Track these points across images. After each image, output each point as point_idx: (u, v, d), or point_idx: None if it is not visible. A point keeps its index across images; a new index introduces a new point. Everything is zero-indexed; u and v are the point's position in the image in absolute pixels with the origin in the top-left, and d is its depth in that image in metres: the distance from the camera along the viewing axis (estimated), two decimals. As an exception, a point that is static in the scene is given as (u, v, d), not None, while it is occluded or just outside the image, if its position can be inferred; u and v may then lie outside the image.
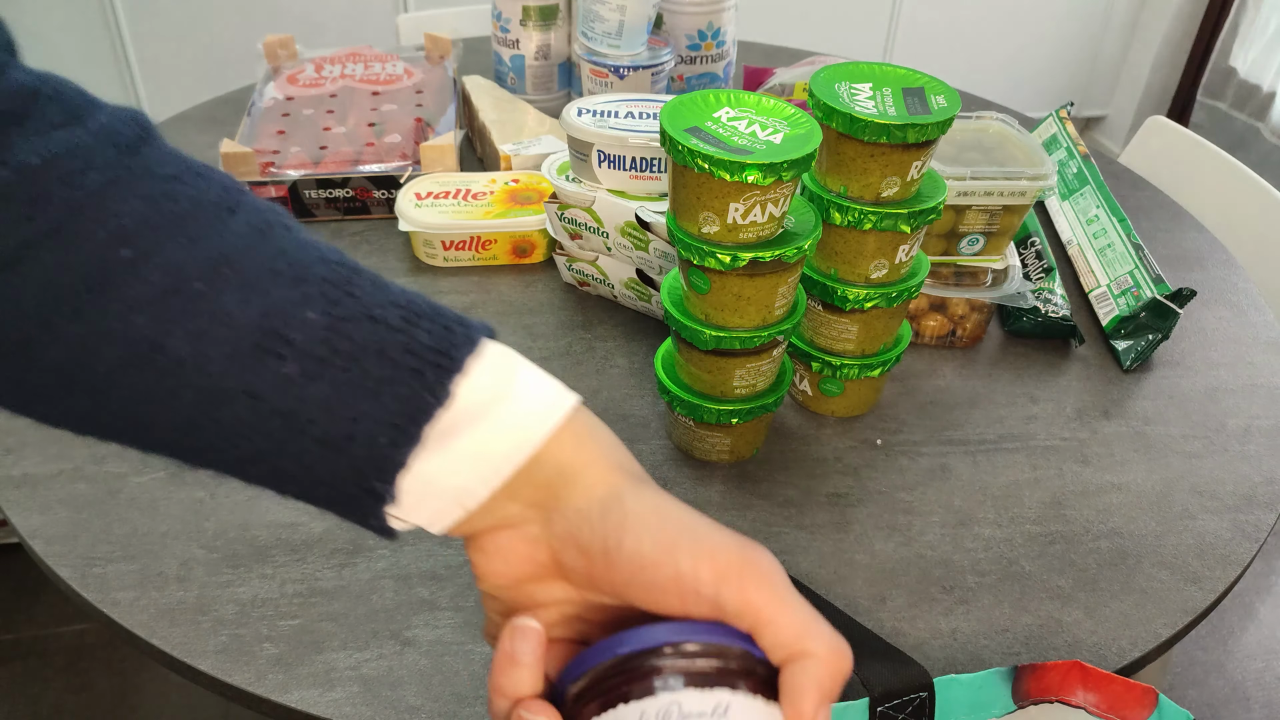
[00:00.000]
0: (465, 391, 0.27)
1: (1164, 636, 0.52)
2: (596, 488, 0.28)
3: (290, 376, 0.25)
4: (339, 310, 0.26)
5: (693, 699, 0.25)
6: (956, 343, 0.73)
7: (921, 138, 0.53)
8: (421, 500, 0.27)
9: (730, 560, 0.26)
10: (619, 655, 0.26)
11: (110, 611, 0.49)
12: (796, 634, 0.26)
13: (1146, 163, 1.08)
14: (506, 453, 0.27)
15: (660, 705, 0.25)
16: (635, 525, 0.27)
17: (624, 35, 0.89)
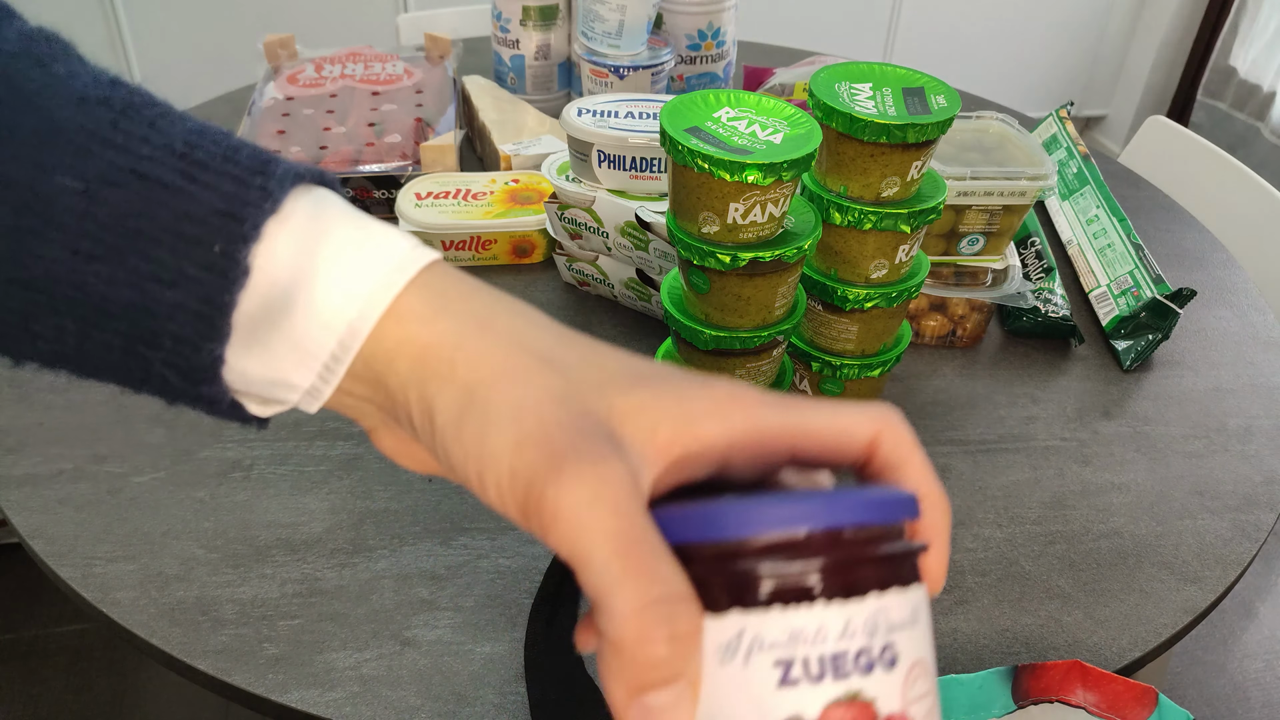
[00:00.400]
0: (265, 264, 0.22)
1: (1164, 636, 0.52)
2: (439, 393, 0.22)
3: (60, 260, 0.21)
4: (98, 169, 0.21)
5: (896, 605, 0.20)
6: (956, 343, 0.73)
7: (921, 138, 0.53)
8: (267, 393, 0.23)
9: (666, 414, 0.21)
10: (804, 531, 0.20)
11: (110, 611, 0.49)
12: (836, 430, 0.22)
13: (1146, 162, 1.08)
14: (330, 346, 0.22)
15: (869, 613, 0.20)
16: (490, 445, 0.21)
17: (624, 35, 0.89)
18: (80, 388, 0.63)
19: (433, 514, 0.56)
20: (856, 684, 0.19)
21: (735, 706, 0.19)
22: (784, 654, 0.19)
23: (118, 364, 0.23)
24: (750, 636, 0.19)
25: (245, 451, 0.59)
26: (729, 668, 0.19)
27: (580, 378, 0.22)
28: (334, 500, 0.56)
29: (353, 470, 0.58)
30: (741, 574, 0.20)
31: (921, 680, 0.20)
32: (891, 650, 0.20)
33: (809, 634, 0.19)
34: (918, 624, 0.21)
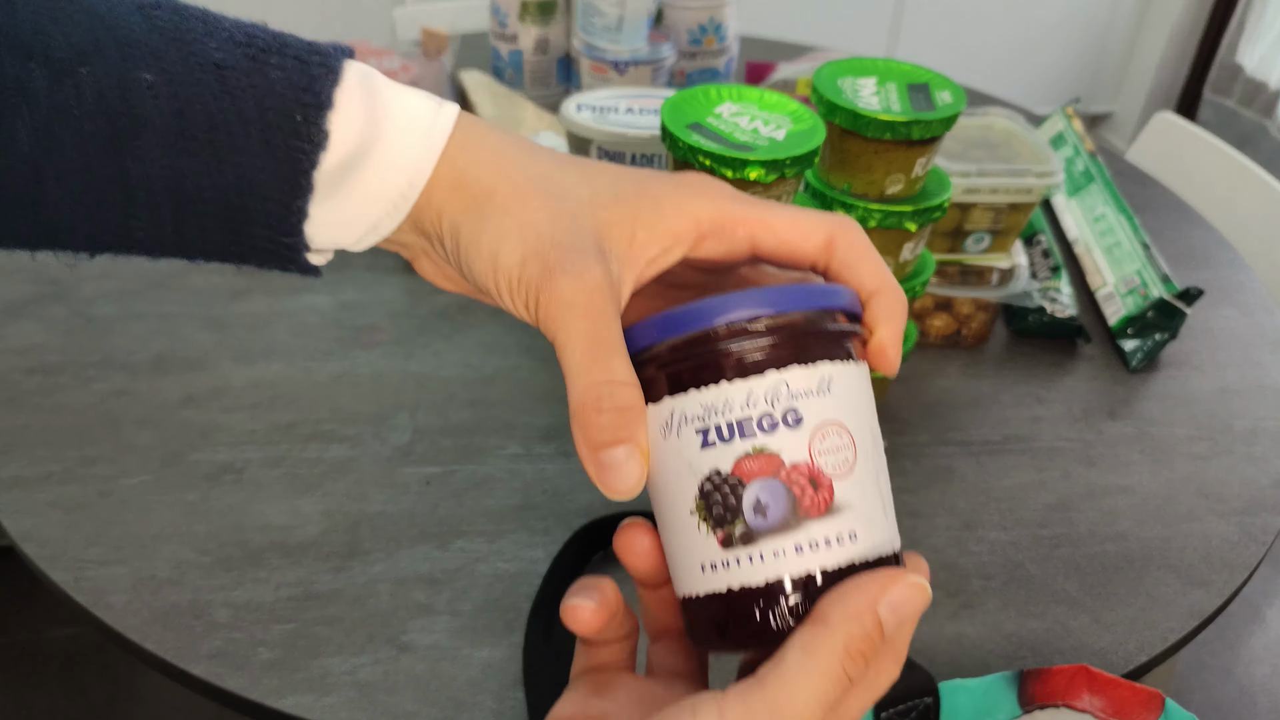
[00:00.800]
0: (340, 126, 0.26)
1: (1171, 641, 0.51)
2: (464, 217, 0.27)
3: (153, 154, 0.24)
4: (177, 68, 0.24)
5: (800, 377, 0.25)
6: (962, 342, 0.72)
7: (926, 134, 0.52)
8: (330, 239, 0.27)
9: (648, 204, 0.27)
10: (710, 326, 0.25)
11: (103, 615, 0.48)
12: (794, 228, 0.27)
13: (1153, 160, 1.07)
14: (403, 186, 0.27)
15: (769, 385, 0.25)
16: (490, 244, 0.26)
17: (624, 29, 0.88)
18: (68, 389, 0.62)
19: (429, 517, 0.55)
20: (761, 441, 0.25)
21: (676, 468, 0.25)
22: (701, 424, 0.25)
23: (210, 237, 0.26)
24: (679, 414, 0.25)
25: (237, 454, 0.58)
26: (668, 440, 0.25)
27: (575, 198, 0.27)
28: (329, 503, 0.55)
29: (347, 473, 0.57)
30: (666, 368, 0.26)
31: (834, 437, 0.25)
32: (795, 413, 0.25)
33: (718, 407, 0.25)
34: (829, 393, 0.25)
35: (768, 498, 0.24)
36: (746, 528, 0.24)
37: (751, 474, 0.24)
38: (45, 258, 0.27)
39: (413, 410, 0.62)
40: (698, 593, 0.26)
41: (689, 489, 0.25)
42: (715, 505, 0.25)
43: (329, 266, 0.83)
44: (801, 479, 0.24)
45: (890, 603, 0.24)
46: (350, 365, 0.66)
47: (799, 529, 0.24)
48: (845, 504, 0.25)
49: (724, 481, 0.25)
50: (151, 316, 0.69)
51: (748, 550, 0.25)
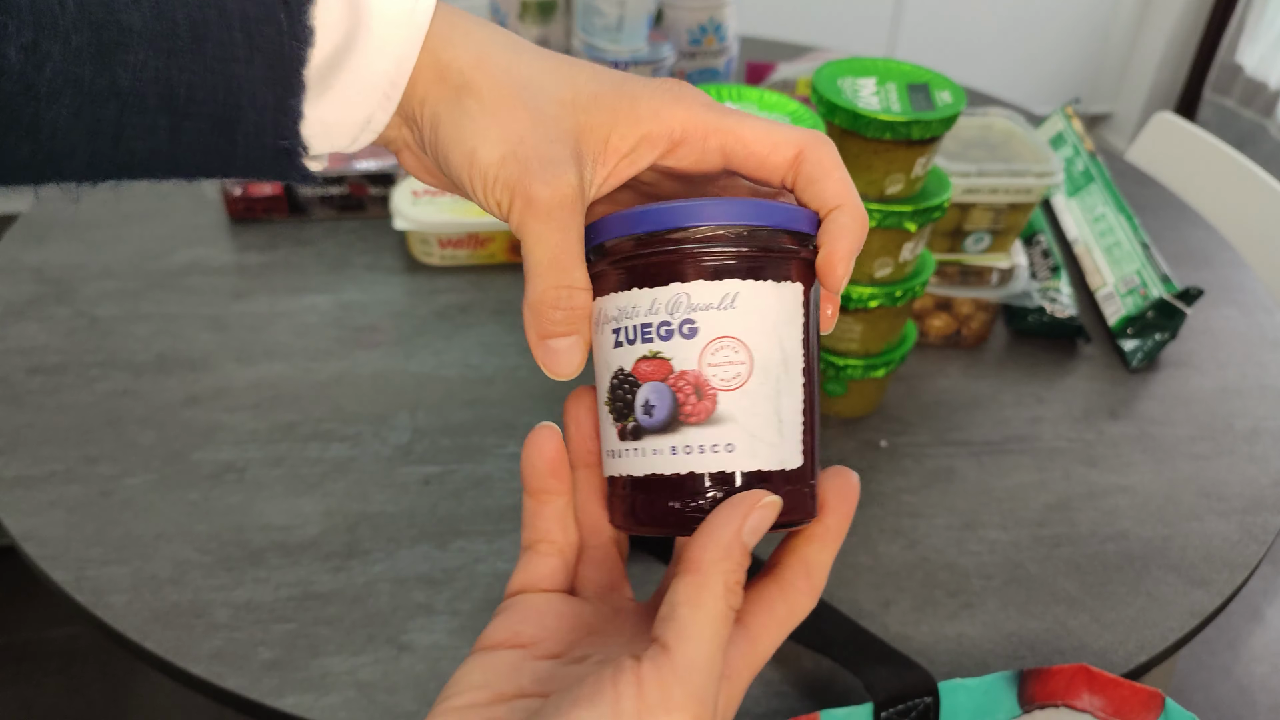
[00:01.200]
0: (323, 20, 0.26)
1: (1171, 640, 0.51)
2: (445, 109, 0.27)
3: (142, 61, 0.24)
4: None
5: (701, 290, 0.26)
6: (962, 342, 0.72)
7: (926, 134, 0.52)
8: (328, 139, 0.28)
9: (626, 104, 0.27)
10: (634, 234, 0.27)
11: (103, 615, 0.48)
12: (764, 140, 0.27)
13: (1153, 160, 1.07)
14: (391, 74, 0.27)
15: (670, 295, 0.26)
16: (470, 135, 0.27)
17: (624, 30, 0.88)
18: (70, 389, 0.62)
19: (429, 517, 0.55)
20: (656, 346, 0.26)
21: (600, 361, 0.28)
22: (615, 324, 0.27)
23: (208, 146, 0.26)
24: (603, 313, 0.27)
25: (238, 454, 0.58)
26: (599, 335, 0.28)
27: (556, 99, 0.28)
28: (329, 503, 0.55)
29: (348, 473, 0.57)
30: (598, 271, 0.28)
31: (729, 351, 0.26)
32: (692, 324, 0.26)
33: (628, 310, 0.27)
34: (732, 309, 0.26)
35: (655, 399, 0.26)
36: (636, 424, 0.27)
37: (645, 375, 0.26)
38: (46, 259, 0.27)
39: (412, 410, 0.62)
40: (608, 474, 0.28)
41: (604, 381, 0.28)
42: (617, 400, 0.27)
43: (329, 266, 0.83)
44: (688, 387, 0.26)
45: (751, 528, 0.25)
46: (350, 365, 0.66)
47: (677, 433, 0.26)
48: (727, 416, 0.26)
49: (625, 379, 0.27)
50: (153, 317, 0.69)
51: (636, 444, 0.27)
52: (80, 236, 0.78)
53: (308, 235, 0.80)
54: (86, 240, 0.77)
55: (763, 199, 0.27)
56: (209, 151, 0.26)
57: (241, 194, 0.79)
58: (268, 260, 0.76)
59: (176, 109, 0.25)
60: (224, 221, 0.81)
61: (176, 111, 0.25)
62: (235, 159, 0.27)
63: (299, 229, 0.80)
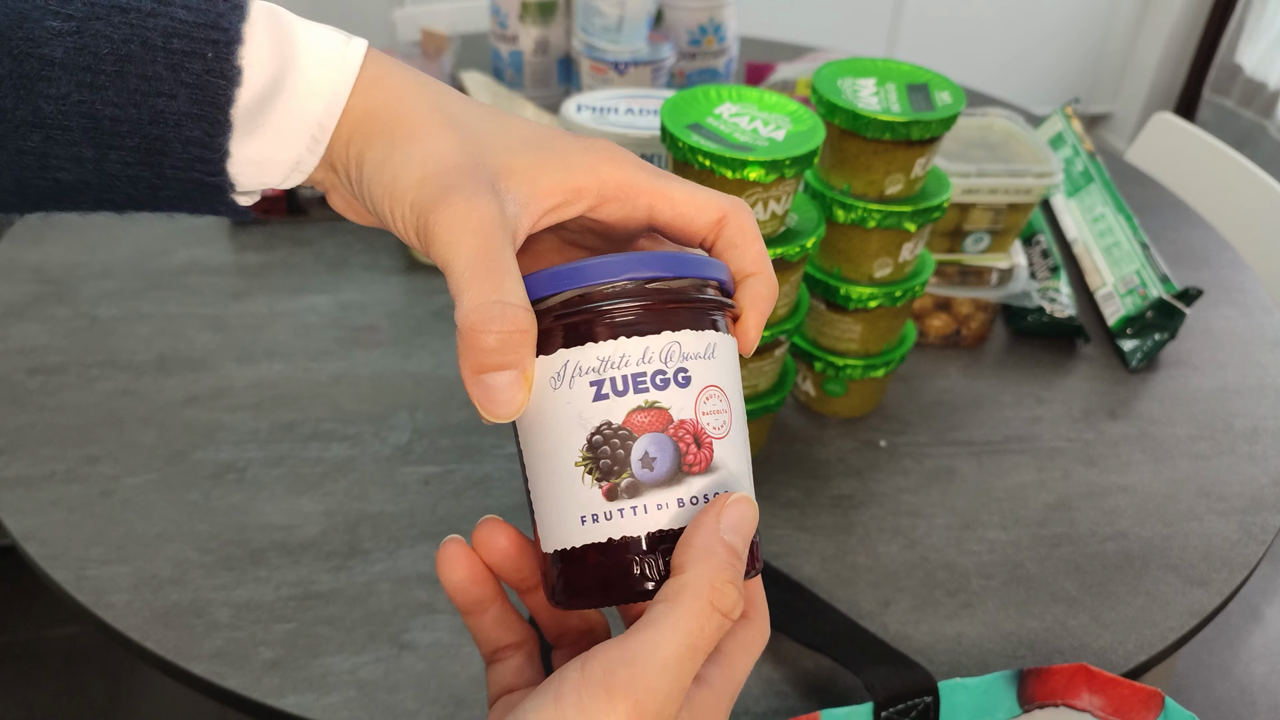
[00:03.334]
0: (252, 61, 0.26)
1: (1170, 640, 0.51)
2: (369, 146, 0.27)
3: (65, 93, 0.24)
4: (80, 9, 0.24)
5: (690, 340, 0.26)
6: (961, 342, 0.72)
7: (925, 134, 0.52)
8: (258, 177, 0.27)
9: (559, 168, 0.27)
10: (625, 279, 0.26)
11: (104, 614, 0.48)
12: (690, 203, 0.28)
13: (1153, 160, 1.07)
14: (320, 116, 0.27)
15: (664, 344, 0.26)
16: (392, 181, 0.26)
17: (624, 30, 0.88)
18: (70, 389, 0.62)
19: (429, 516, 0.55)
20: (654, 396, 0.25)
21: (563, 419, 0.26)
22: (597, 376, 0.25)
23: (135, 179, 0.26)
24: (573, 366, 0.25)
25: (239, 453, 0.58)
26: (559, 391, 0.26)
27: (482, 139, 0.27)
28: (329, 503, 0.55)
29: (348, 472, 0.58)
30: (563, 320, 0.26)
31: (716, 399, 0.26)
32: (685, 373, 0.26)
33: (615, 360, 0.25)
34: (714, 359, 0.26)
35: (656, 451, 0.25)
36: (633, 479, 0.25)
37: (642, 427, 0.25)
38: (46, 259, 0.27)
39: (412, 410, 0.62)
40: (574, 544, 0.26)
41: (575, 440, 0.25)
42: (604, 457, 0.25)
43: (328, 267, 0.83)
44: (687, 435, 0.26)
45: (729, 526, 0.25)
46: (350, 365, 0.66)
47: (682, 483, 0.25)
48: (720, 464, 0.26)
49: (614, 434, 0.25)
50: (154, 317, 0.69)
51: (632, 502, 0.25)
52: (80, 237, 0.78)
53: (307, 235, 0.80)
54: (86, 240, 0.77)
55: (702, 255, 0.28)
56: (136, 182, 0.26)
57: (242, 194, 0.79)
58: (267, 260, 0.76)
59: (101, 140, 0.25)
60: (223, 222, 0.81)
61: (102, 143, 0.25)
62: (163, 191, 0.27)
63: (298, 229, 0.80)
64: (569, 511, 0.26)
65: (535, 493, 0.27)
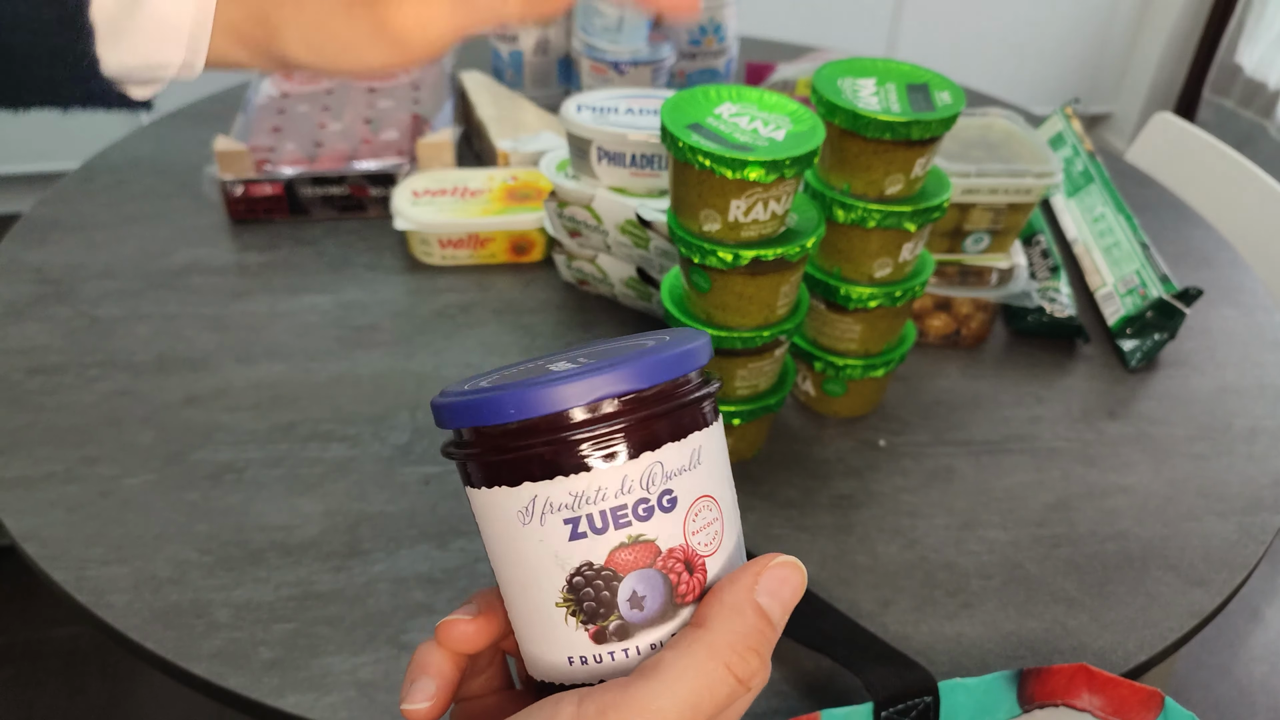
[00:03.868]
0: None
1: (1170, 640, 0.51)
2: None
3: None
4: None
5: (673, 455, 0.23)
6: (961, 342, 0.72)
7: (926, 134, 0.52)
8: (142, 81, 0.29)
9: None
10: (582, 404, 0.22)
11: (104, 615, 0.48)
12: None
13: (1153, 160, 1.07)
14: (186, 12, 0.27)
15: (644, 468, 0.22)
16: None
17: (624, 30, 0.88)
18: (70, 389, 0.62)
19: (429, 517, 0.55)
20: (638, 529, 0.23)
21: (539, 558, 0.23)
22: (571, 513, 0.22)
23: (15, 82, 0.28)
24: (542, 501, 0.22)
25: (238, 454, 0.58)
26: (529, 527, 0.23)
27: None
28: (329, 503, 0.55)
29: (348, 473, 0.57)
30: (526, 451, 0.22)
31: (706, 512, 0.24)
32: (670, 495, 0.23)
33: (590, 495, 0.22)
34: (699, 465, 0.23)
35: (645, 589, 0.23)
36: (622, 621, 0.23)
37: (627, 566, 0.23)
38: (47, 259, 0.27)
39: (412, 410, 0.62)
40: (563, 682, 0.24)
41: (554, 581, 0.23)
42: (587, 600, 0.23)
43: (329, 267, 0.83)
44: (678, 565, 0.23)
45: (766, 589, 0.23)
46: (350, 365, 0.66)
47: (675, 616, 0.23)
48: (716, 580, 0.24)
49: (597, 575, 0.23)
50: (153, 317, 0.69)
51: (623, 644, 0.23)
52: (81, 237, 0.78)
53: (308, 235, 0.80)
54: (87, 240, 0.77)
55: (675, 346, 0.24)
56: (22, 83, 0.28)
57: (242, 194, 0.79)
58: (268, 260, 0.76)
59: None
60: (224, 221, 0.81)
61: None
62: (45, 91, 0.28)
63: (299, 229, 0.80)
64: (555, 649, 0.24)
65: (512, 613, 0.25)
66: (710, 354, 0.25)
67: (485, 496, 0.24)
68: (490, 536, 0.24)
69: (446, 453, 0.25)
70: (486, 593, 0.26)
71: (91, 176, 0.86)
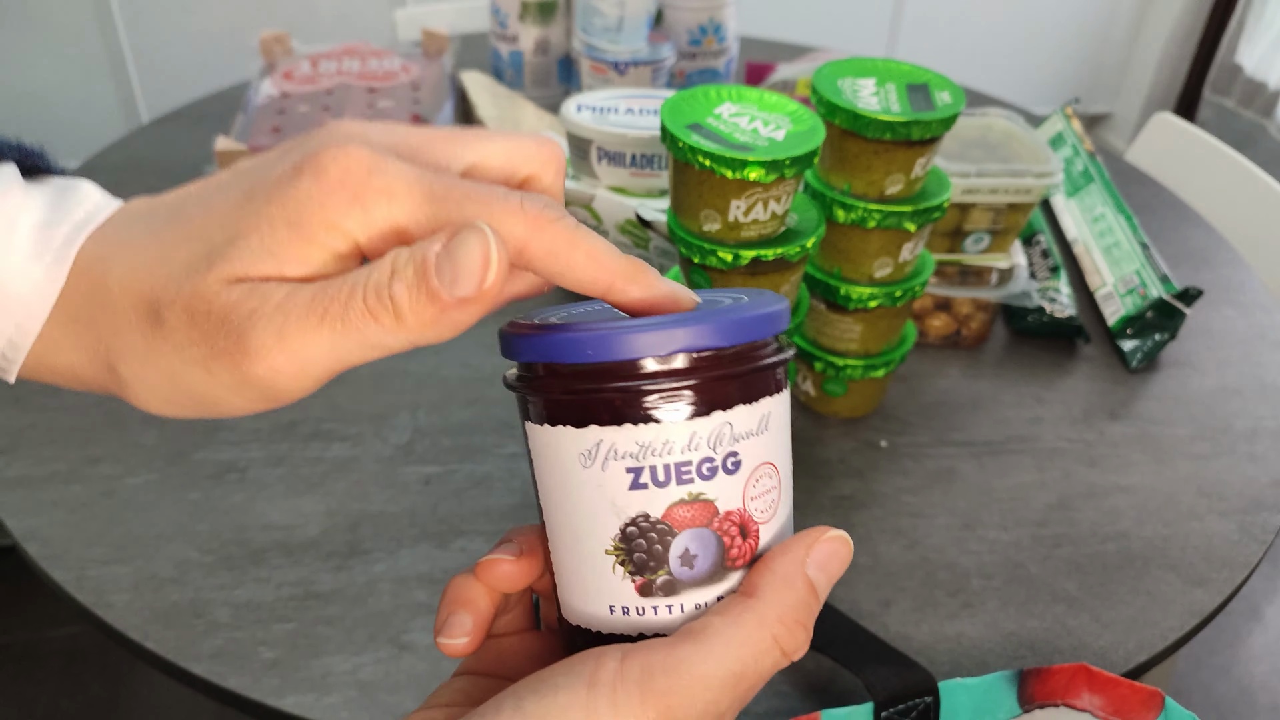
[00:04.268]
0: None
1: (1170, 640, 0.51)
2: None
3: None
4: None
5: (743, 417, 0.23)
6: (961, 342, 0.72)
7: (926, 134, 0.52)
8: None
9: None
10: (661, 355, 0.22)
11: (104, 614, 0.48)
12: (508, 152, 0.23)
13: (1153, 160, 1.07)
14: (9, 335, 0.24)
15: (713, 427, 0.22)
16: None
17: (624, 30, 0.88)
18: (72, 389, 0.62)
19: (430, 517, 0.55)
20: (699, 487, 0.22)
21: (594, 503, 0.23)
22: (634, 463, 0.22)
23: None
24: (607, 447, 0.22)
25: (240, 453, 0.58)
26: (589, 471, 0.22)
27: None
28: (330, 503, 0.55)
29: (349, 473, 0.58)
30: (597, 394, 0.22)
31: (766, 479, 0.23)
32: (735, 457, 0.23)
33: (656, 447, 0.22)
34: (766, 431, 0.23)
35: (698, 548, 0.23)
36: (670, 577, 0.23)
37: (684, 523, 0.23)
38: None
39: (413, 410, 0.62)
40: (599, 630, 0.24)
41: (607, 528, 0.23)
42: (638, 551, 0.23)
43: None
44: (733, 528, 0.23)
45: (817, 561, 0.23)
46: (351, 365, 0.66)
47: (724, 580, 0.23)
48: (766, 549, 0.24)
49: (652, 527, 0.23)
50: (153, 317, 0.69)
51: (668, 600, 0.23)
52: (81, 237, 0.78)
53: (308, 235, 0.80)
54: (87, 240, 0.77)
55: (755, 303, 0.24)
56: None
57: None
58: (268, 260, 0.76)
59: None
60: (224, 222, 0.81)
61: None
62: None
63: (299, 229, 0.80)
64: (597, 597, 0.24)
65: (556, 556, 0.25)
66: (789, 320, 0.25)
67: (546, 434, 0.23)
68: (544, 474, 0.24)
69: (509, 385, 0.24)
70: (526, 532, 0.26)
71: (91, 176, 0.86)
